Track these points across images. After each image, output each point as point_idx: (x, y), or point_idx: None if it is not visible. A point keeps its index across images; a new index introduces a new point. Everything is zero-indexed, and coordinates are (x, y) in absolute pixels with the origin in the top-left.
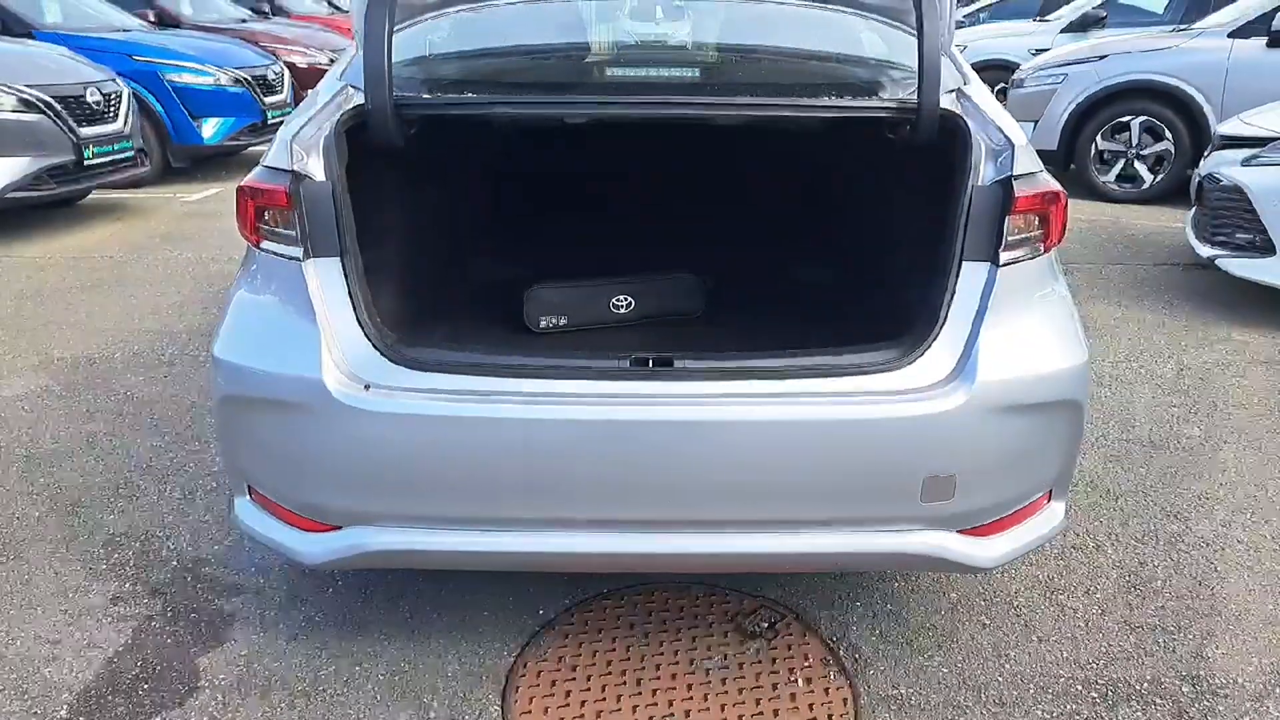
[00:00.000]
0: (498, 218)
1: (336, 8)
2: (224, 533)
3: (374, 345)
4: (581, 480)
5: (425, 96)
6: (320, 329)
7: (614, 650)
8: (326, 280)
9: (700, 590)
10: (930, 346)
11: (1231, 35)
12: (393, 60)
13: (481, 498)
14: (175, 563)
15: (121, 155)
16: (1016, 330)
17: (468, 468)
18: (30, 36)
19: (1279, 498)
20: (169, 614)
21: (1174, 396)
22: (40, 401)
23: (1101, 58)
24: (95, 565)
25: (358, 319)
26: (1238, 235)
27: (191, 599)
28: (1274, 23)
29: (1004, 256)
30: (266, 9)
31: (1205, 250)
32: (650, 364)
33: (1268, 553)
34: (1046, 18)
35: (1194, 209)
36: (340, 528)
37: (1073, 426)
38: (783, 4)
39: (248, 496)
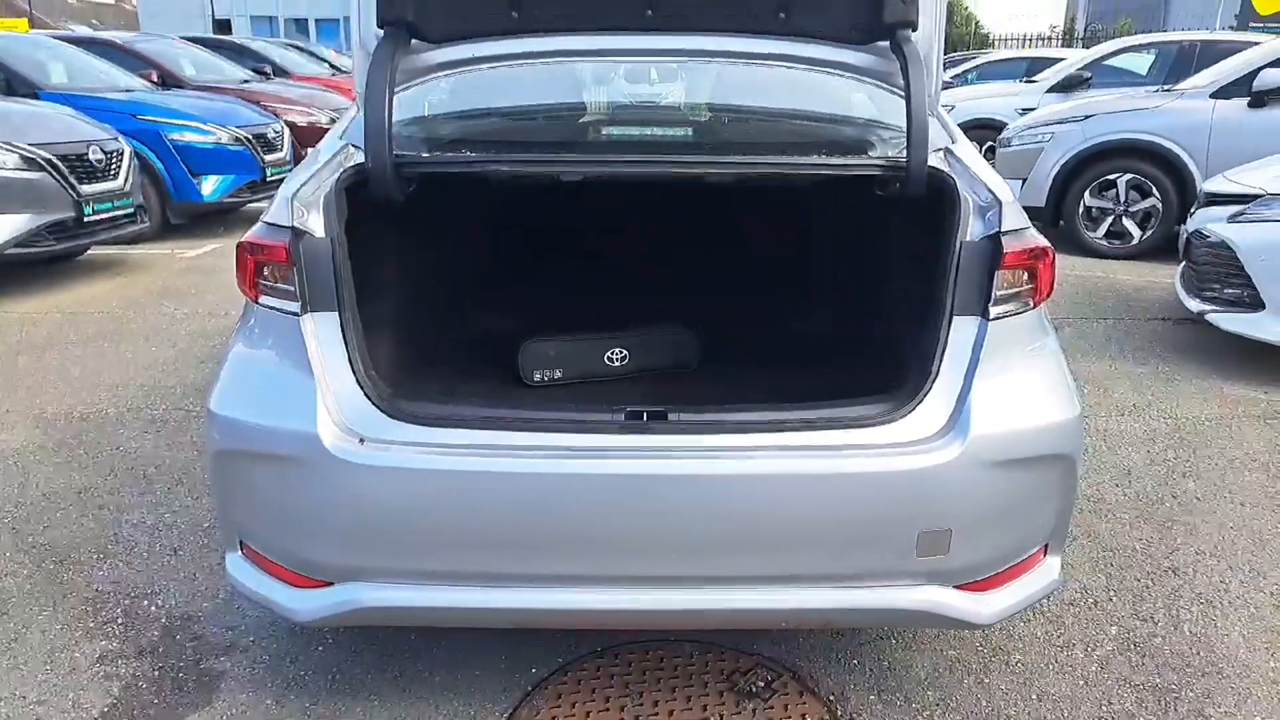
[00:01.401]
0: (494, 272)
1: (337, 69)
2: (214, 590)
3: (369, 399)
4: (575, 534)
5: (424, 155)
6: (317, 383)
7: (607, 710)
8: (324, 335)
9: (695, 648)
10: (923, 400)
11: (1213, 96)
12: (393, 120)
13: (475, 553)
14: (164, 620)
15: (121, 212)
16: (1009, 384)
17: (461, 522)
18: (35, 96)
19: (1276, 553)
20: (156, 673)
21: (1169, 451)
22: (32, 457)
23: (1087, 117)
24: (83, 623)
25: (354, 373)
26: (1226, 290)
27: (179, 658)
28: (1254, 84)
29: (994, 311)
30: (268, 70)
31: (1195, 305)
32: (645, 417)
33: (1267, 610)
34: (1032, 79)
35: (1182, 264)
36: (333, 584)
37: (1067, 480)
38: (774, 66)
39: (239, 552)
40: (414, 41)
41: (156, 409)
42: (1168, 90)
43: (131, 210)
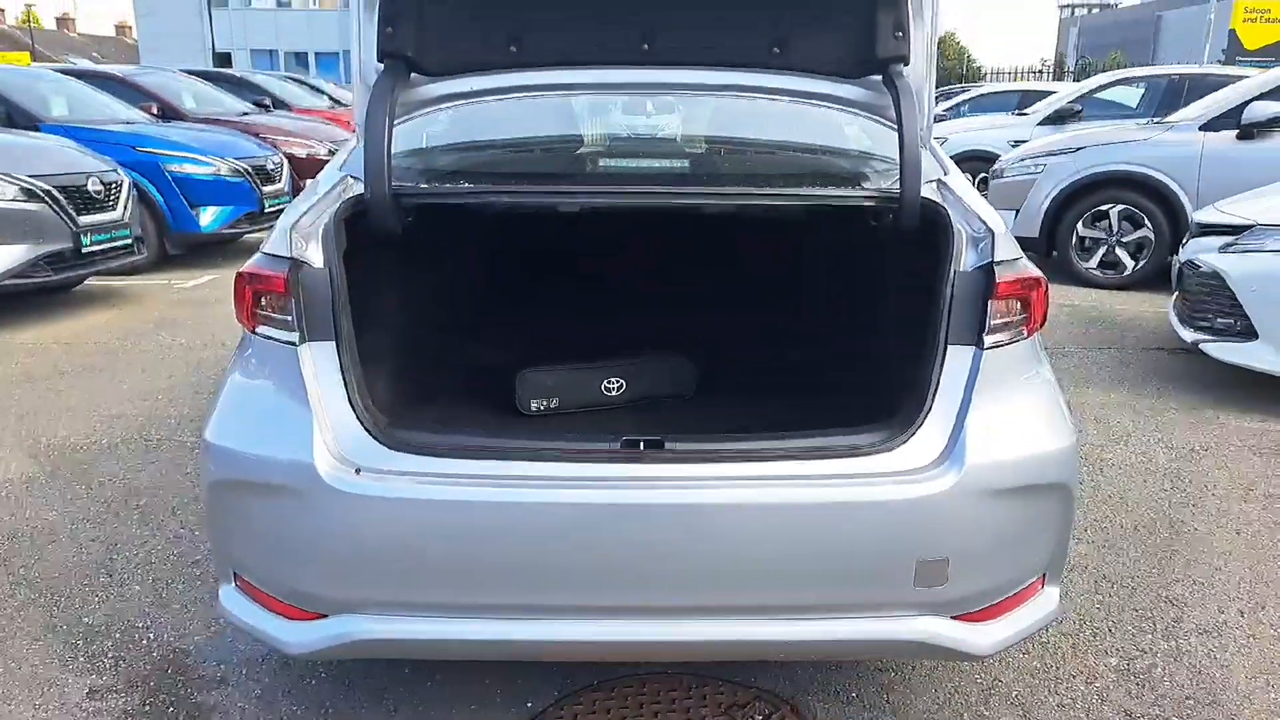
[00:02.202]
0: (491, 302)
1: (337, 102)
2: (206, 622)
3: (365, 428)
4: (571, 564)
5: (423, 186)
6: (313, 412)
7: None
8: (321, 364)
9: (693, 680)
10: (919, 428)
11: (1203, 128)
12: (392, 152)
13: (471, 583)
14: (155, 653)
15: (119, 243)
16: (1004, 413)
17: (456, 552)
18: (35, 129)
19: (1275, 584)
20: (147, 708)
21: (1165, 481)
22: (25, 487)
23: (1079, 149)
24: (74, 656)
25: (350, 402)
26: (1219, 320)
27: (170, 692)
28: (1243, 117)
29: (988, 340)
30: (268, 103)
31: (1189, 335)
32: (641, 446)
33: (1267, 641)
34: (1024, 111)
35: (1175, 294)
36: (326, 616)
37: (1064, 509)
38: (769, 99)
39: (233, 584)
40: (413, 75)
41: (151, 439)
42: (1158, 123)
43: (129, 241)
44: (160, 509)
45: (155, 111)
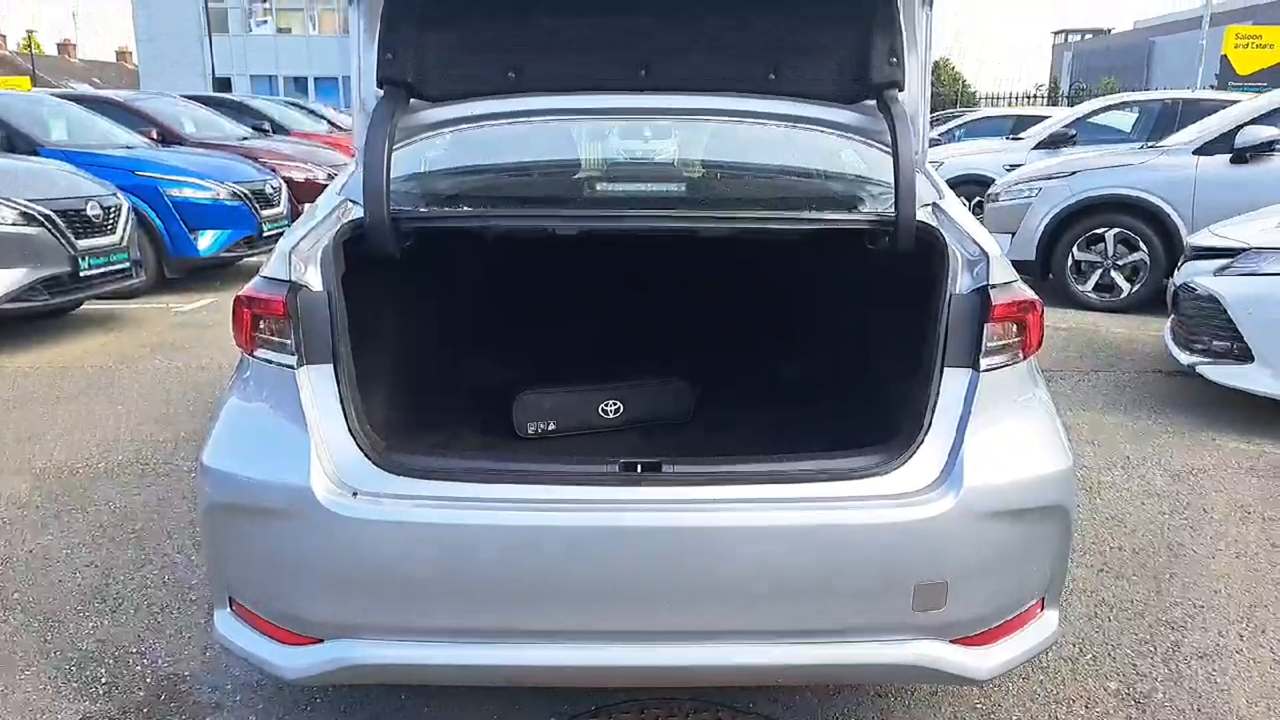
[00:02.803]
0: (488, 325)
1: (336, 126)
2: (200, 648)
3: (363, 452)
4: (569, 588)
5: (421, 210)
6: (310, 436)
7: None
8: (319, 387)
9: (692, 706)
10: (917, 451)
11: (1196, 152)
12: (391, 176)
13: (468, 608)
14: (149, 680)
15: (117, 267)
16: (1001, 435)
17: (453, 576)
18: (35, 153)
19: (1274, 607)
20: None
21: (1164, 504)
22: (19, 512)
23: (1074, 173)
24: (67, 682)
25: (348, 425)
26: (1215, 343)
27: (164, 719)
28: (1235, 141)
29: (984, 363)
30: (267, 127)
31: (1185, 358)
32: (639, 469)
33: (1267, 665)
34: (1019, 136)
35: (1171, 317)
36: (322, 641)
37: (1062, 532)
38: (765, 124)
39: (228, 608)
40: (412, 100)
41: (147, 463)
42: (1151, 147)
43: (127, 265)
44: (156, 533)
45: (155, 136)
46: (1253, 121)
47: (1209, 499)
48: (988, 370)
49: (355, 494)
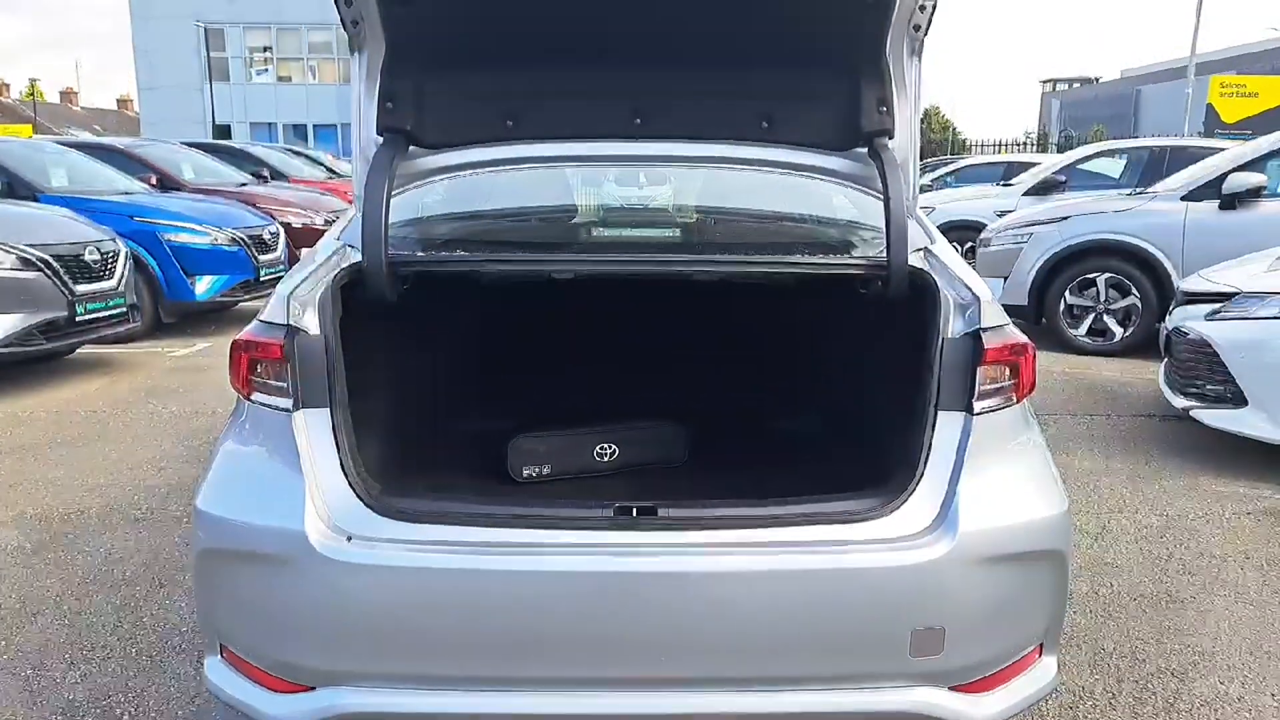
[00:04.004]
0: (484, 368)
1: (334, 173)
2: (190, 696)
3: (358, 496)
4: (564, 634)
5: (419, 254)
6: (305, 480)
7: None
8: (314, 431)
9: None
10: (911, 495)
11: (1184, 198)
12: (389, 221)
13: (462, 654)
14: None
15: (113, 311)
16: (996, 479)
17: (448, 621)
18: (35, 199)
19: (1276, 654)
20: None
21: (1162, 549)
22: (8, 558)
23: (1064, 218)
24: None
25: (343, 469)
26: (1209, 387)
27: None
28: (1224, 187)
29: (978, 406)
30: (266, 174)
31: (1179, 402)
32: (634, 513)
33: (1269, 713)
34: (1009, 182)
35: (1165, 361)
36: (314, 688)
37: (1059, 577)
38: (758, 170)
39: (219, 656)
40: (411, 147)
41: (139, 509)
42: (1141, 193)
43: (124, 309)
44: (145, 580)
45: (154, 182)
46: (1239, 168)
47: (1207, 544)
48: (981, 414)
49: (349, 538)
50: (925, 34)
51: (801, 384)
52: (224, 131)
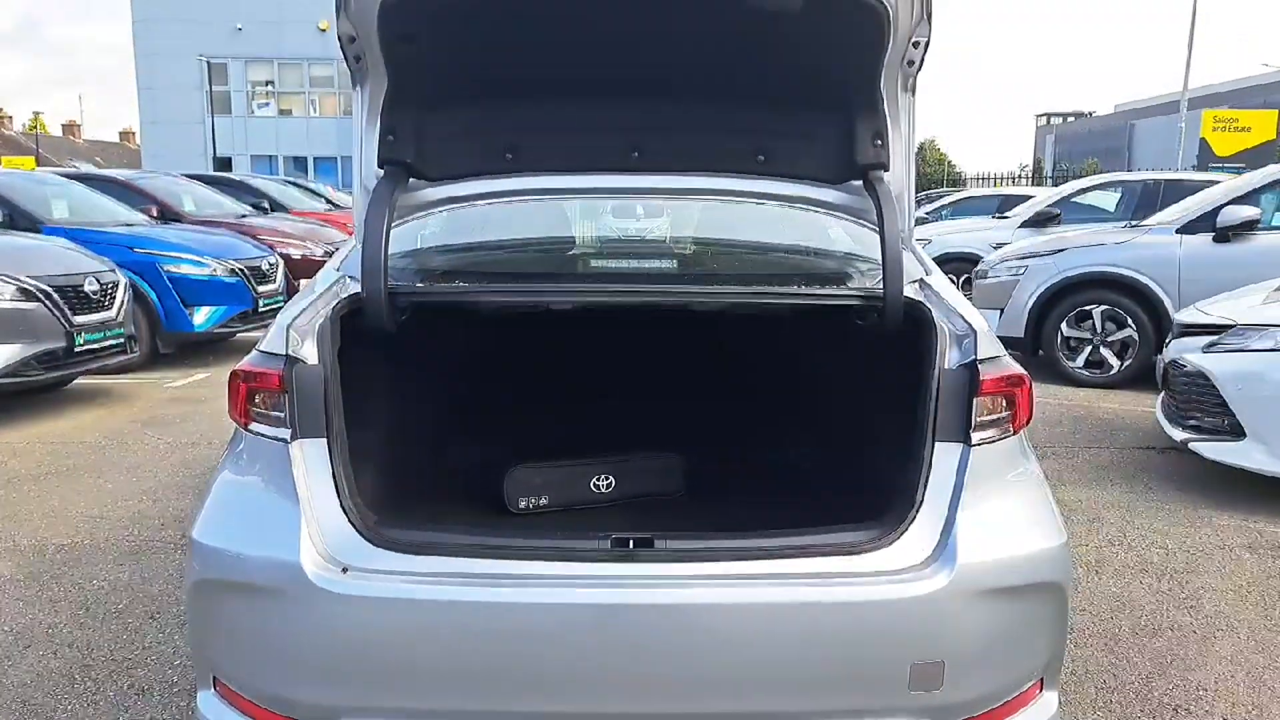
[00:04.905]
0: (482, 399)
1: (334, 204)
2: None
3: (354, 527)
4: (561, 666)
5: (418, 285)
6: (301, 510)
7: None
8: (311, 461)
9: None
10: (909, 526)
11: (1179, 231)
12: (389, 252)
13: (458, 687)
14: None
15: (112, 342)
16: (994, 511)
17: (444, 654)
18: (36, 230)
19: (1279, 687)
20: None
21: (1162, 582)
22: (1, 590)
23: (1059, 250)
24: None
25: (340, 500)
26: (1207, 419)
27: None
28: (1218, 220)
29: (975, 437)
30: (266, 205)
31: (1177, 434)
32: (631, 545)
33: None
34: (1005, 215)
35: (1162, 393)
36: None
37: (1058, 609)
38: (754, 203)
39: (212, 689)
40: (411, 179)
41: (134, 541)
42: (1135, 226)
43: (122, 340)
44: (139, 612)
45: (155, 214)
46: (1233, 201)
47: (1208, 578)
48: (979, 445)
49: (345, 570)
50: (919, 69)
51: (798, 415)
52: (225, 164)
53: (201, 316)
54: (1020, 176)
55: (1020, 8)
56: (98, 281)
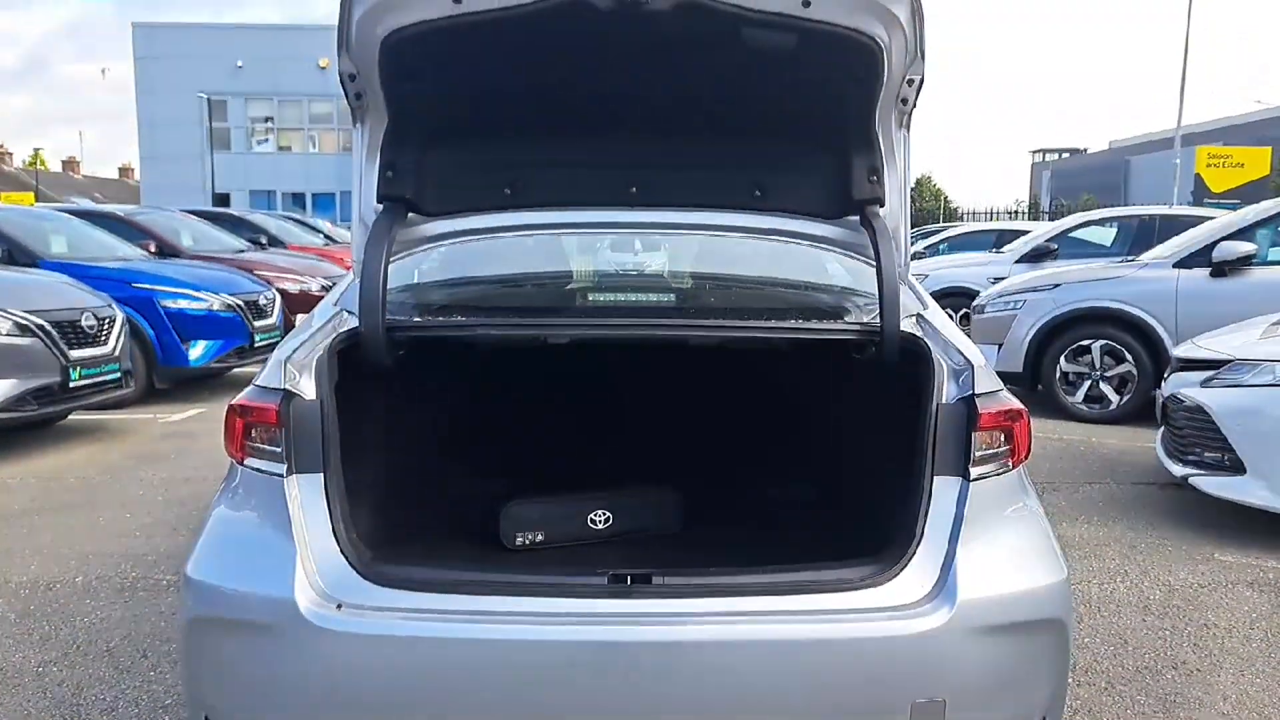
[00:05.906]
0: (479, 433)
1: (331, 240)
2: None
3: (349, 562)
4: (558, 703)
5: (415, 320)
6: (296, 546)
7: None
8: (307, 497)
9: None
10: (909, 562)
11: (1176, 266)
12: (387, 287)
13: None
14: None
15: (107, 377)
16: (994, 546)
17: (440, 691)
18: (34, 265)
19: None
20: None
21: (1164, 619)
22: None
23: (1056, 285)
24: None
25: (335, 536)
26: (1207, 454)
27: None
28: (1214, 255)
29: (974, 471)
30: (264, 241)
31: (1178, 469)
32: (629, 581)
33: None
34: (1001, 249)
35: (1162, 429)
36: None
37: (1060, 647)
38: (751, 238)
39: None
40: (410, 214)
41: (126, 578)
42: (1132, 261)
43: (118, 375)
44: (130, 650)
45: (153, 249)
46: (1229, 236)
47: (1210, 614)
48: (978, 479)
49: (340, 606)
50: (913, 107)
51: (796, 449)
52: (223, 199)
53: (197, 351)
54: (1017, 212)
55: (1016, 46)
56: (94, 316)
